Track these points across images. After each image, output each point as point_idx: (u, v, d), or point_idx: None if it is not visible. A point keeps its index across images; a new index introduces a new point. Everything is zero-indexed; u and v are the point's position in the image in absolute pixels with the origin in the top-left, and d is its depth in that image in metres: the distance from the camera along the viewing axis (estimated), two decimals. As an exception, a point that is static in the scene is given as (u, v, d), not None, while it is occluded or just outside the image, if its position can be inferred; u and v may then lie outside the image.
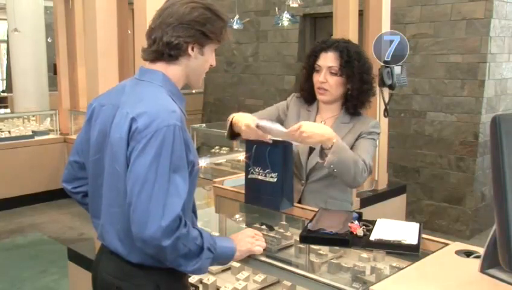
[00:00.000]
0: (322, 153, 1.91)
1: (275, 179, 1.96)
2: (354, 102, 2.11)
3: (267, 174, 1.98)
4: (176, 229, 1.36)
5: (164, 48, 1.48)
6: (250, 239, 1.62)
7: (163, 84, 1.51)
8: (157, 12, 1.52)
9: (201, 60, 1.55)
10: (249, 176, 2.03)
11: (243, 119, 1.98)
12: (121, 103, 1.50)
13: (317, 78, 2.12)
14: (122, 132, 1.43)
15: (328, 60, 2.10)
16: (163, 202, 1.35)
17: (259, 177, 1.99)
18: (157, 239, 1.34)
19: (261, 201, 2.02)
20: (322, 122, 2.16)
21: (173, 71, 1.53)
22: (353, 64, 2.07)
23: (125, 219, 1.43)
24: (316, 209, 1.91)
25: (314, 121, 2.19)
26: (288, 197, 2.01)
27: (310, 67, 2.16)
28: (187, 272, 1.54)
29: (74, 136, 5.72)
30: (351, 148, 2.04)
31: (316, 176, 2.11)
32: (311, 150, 2.11)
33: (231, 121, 2.06)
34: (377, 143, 2.23)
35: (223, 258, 1.55)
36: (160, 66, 1.53)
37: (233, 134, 2.08)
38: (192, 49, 1.51)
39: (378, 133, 2.15)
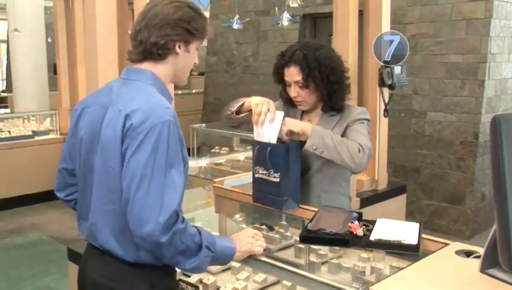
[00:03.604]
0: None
1: (278, 179, 1.95)
2: (328, 104, 2.16)
3: (270, 174, 1.98)
4: (173, 224, 1.36)
5: (152, 48, 1.51)
6: (250, 239, 1.62)
7: (153, 82, 1.52)
8: (141, 15, 1.54)
9: (187, 58, 1.58)
10: (256, 176, 2.03)
11: (260, 97, 2.03)
12: (110, 102, 1.50)
13: (289, 92, 2.17)
14: (116, 130, 1.42)
15: (292, 75, 2.12)
16: (161, 197, 1.36)
17: (264, 177, 1.99)
18: (156, 235, 1.34)
19: (267, 200, 2.02)
20: (309, 121, 2.20)
21: (160, 70, 1.55)
22: (314, 74, 2.08)
23: (120, 216, 1.43)
24: (316, 209, 1.92)
25: (301, 119, 2.23)
26: (293, 197, 2.00)
27: (282, 82, 2.21)
28: (185, 271, 1.54)
29: (74, 136, 5.72)
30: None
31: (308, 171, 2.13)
32: (302, 145, 2.12)
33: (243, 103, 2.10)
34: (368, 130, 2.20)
35: (222, 258, 1.55)
36: (147, 66, 1.54)
37: (238, 113, 2.12)
38: (179, 47, 1.54)
39: (368, 120, 2.15)
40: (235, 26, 5.33)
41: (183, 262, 1.42)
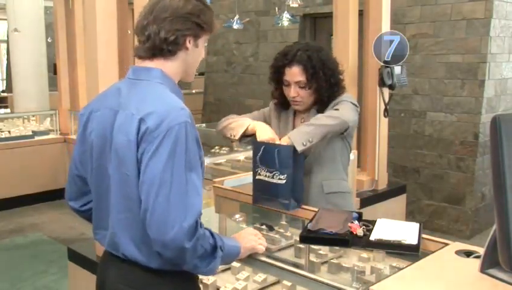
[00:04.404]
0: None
1: (284, 181, 1.94)
2: (325, 105, 2.17)
3: (274, 176, 1.96)
4: (195, 229, 1.32)
5: (162, 44, 1.44)
6: (253, 237, 1.61)
7: (163, 81, 1.46)
8: (147, 8, 1.47)
9: (197, 53, 1.53)
10: (257, 177, 2.02)
11: (266, 130, 2.02)
12: (119, 105, 1.43)
13: (289, 92, 2.17)
14: (130, 134, 1.36)
15: (294, 75, 2.12)
16: (184, 203, 1.31)
17: (266, 178, 1.98)
18: (180, 241, 1.30)
19: (270, 202, 2.01)
20: (302, 121, 2.22)
21: (170, 68, 1.48)
22: (319, 75, 2.09)
23: (138, 224, 1.37)
24: (316, 209, 1.92)
25: (294, 120, 2.27)
26: (296, 197, 1.99)
27: (279, 82, 2.21)
28: (201, 274, 1.49)
29: (74, 136, 5.71)
30: None
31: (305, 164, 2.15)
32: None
33: (247, 127, 2.09)
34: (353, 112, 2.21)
35: (229, 258, 1.53)
36: (156, 63, 1.48)
37: (244, 136, 2.12)
38: (190, 42, 1.48)
39: (354, 104, 2.15)
40: (235, 26, 5.32)
41: (200, 266, 1.39)
